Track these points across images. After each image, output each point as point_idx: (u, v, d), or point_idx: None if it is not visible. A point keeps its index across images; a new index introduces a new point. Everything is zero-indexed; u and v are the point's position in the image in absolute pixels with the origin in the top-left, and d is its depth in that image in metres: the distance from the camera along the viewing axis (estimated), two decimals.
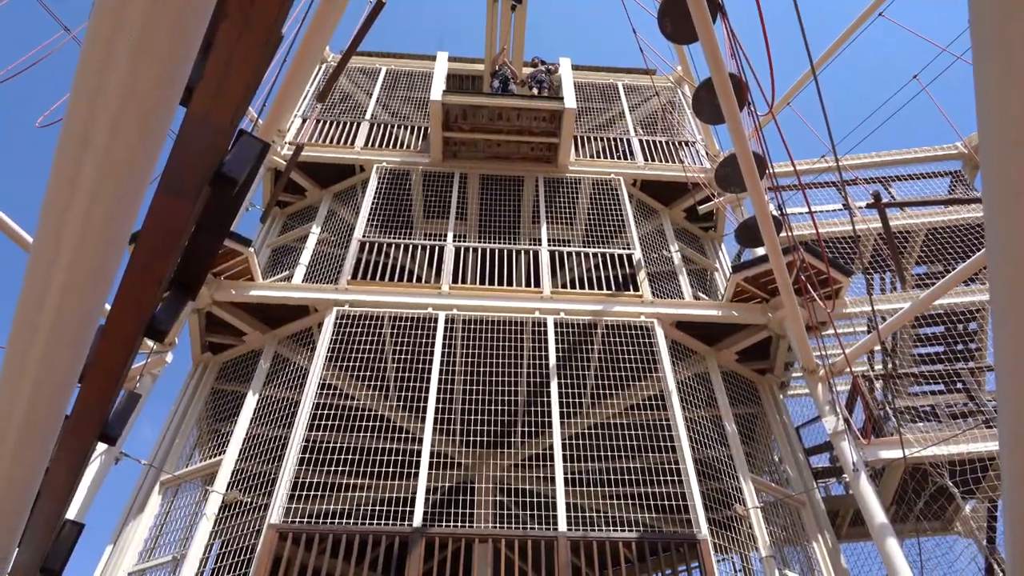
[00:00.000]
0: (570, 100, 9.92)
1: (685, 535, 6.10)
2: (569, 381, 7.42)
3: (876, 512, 6.12)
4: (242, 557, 6.08)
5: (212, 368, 8.35)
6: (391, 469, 6.75)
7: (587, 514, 6.70)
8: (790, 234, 7.13)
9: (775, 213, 6.72)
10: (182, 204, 2.03)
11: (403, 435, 7.39)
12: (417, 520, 5.99)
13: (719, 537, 6.41)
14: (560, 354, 7.62)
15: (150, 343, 7.21)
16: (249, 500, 6.62)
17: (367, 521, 6.12)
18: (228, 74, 1.85)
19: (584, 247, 9.27)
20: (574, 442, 7.00)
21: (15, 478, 2.22)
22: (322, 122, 10.94)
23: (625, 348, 7.72)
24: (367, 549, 5.84)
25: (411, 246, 8.94)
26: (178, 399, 8.01)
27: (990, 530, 7.52)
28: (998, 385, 1.58)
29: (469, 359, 7.66)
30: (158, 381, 7.67)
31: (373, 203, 9.41)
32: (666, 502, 6.60)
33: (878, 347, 8.23)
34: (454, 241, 8.87)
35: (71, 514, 4.53)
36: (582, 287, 8.66)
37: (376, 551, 6.04)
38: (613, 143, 11.16)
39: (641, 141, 11.09)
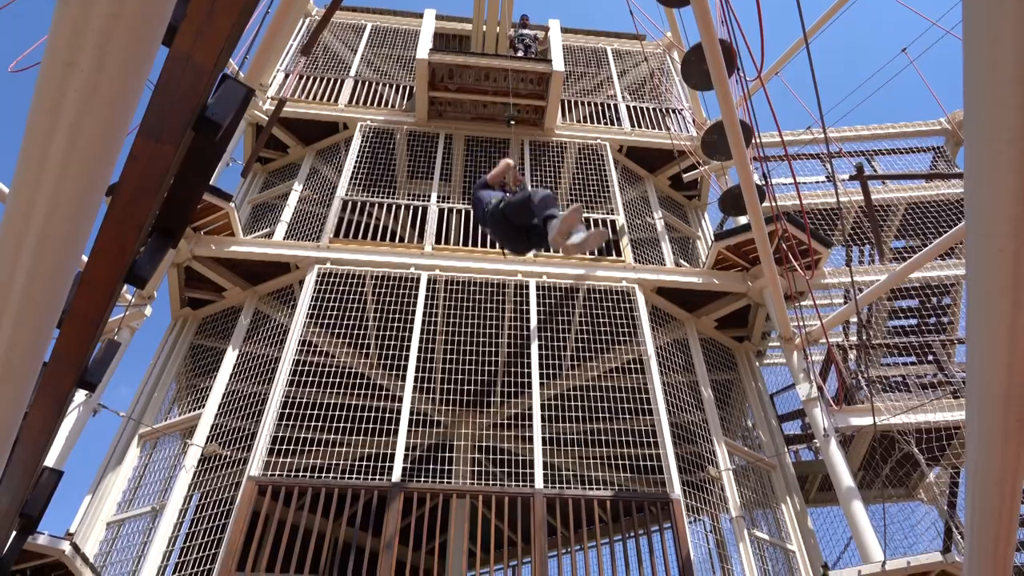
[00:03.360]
0: (558, 63, 9.80)
1: (658, 494, 6.24)
2: (550, 344, 7.49)
3: (844, 476, 6.29)
4: (221, 508, 6.13)
5: (191, 323, 8.30)
6: (370, 426, 6.81)
7: (564, 472, 6.82)
8: (773, 204, 7.19)
9: (759, 182, 6.75)
10: (164, 147, 2.00)
11: (383, 393, 7.43)
12: (396, 476, 6.06)
13: (692, 498, 6.56)
14: (541, 317, 7.67)
15: (129, 296, 7.15)
16: (228, 454, 6.65)
17: (346, 476, 6.18)
18: (212, 13, 1.81)
19: None
20: (553, 403, 7.09)
21: None
22: (305, 77, 10.72)
23: (606, 312, 7.78)
24: (346, 503, 5.92)
25: (394, 206, 8.88)
26: (157, 353, 7.97)
27: (951, 495, 7.78)
28: (968, 334, 1.62)
29: (451, 320, 7.68)
30: (136, 336, 7.62)
31: (356, 162, 9.31)
32: (642, 463, 6.74)
33: (854, 318, 8.38)
34: (438, 202, 8.82)
35: (50, 463, 4.52)
36: None
37: (355, 506, 6.11)
38: (600, 108, 11.08)
39: (628, 107, 11.03)
